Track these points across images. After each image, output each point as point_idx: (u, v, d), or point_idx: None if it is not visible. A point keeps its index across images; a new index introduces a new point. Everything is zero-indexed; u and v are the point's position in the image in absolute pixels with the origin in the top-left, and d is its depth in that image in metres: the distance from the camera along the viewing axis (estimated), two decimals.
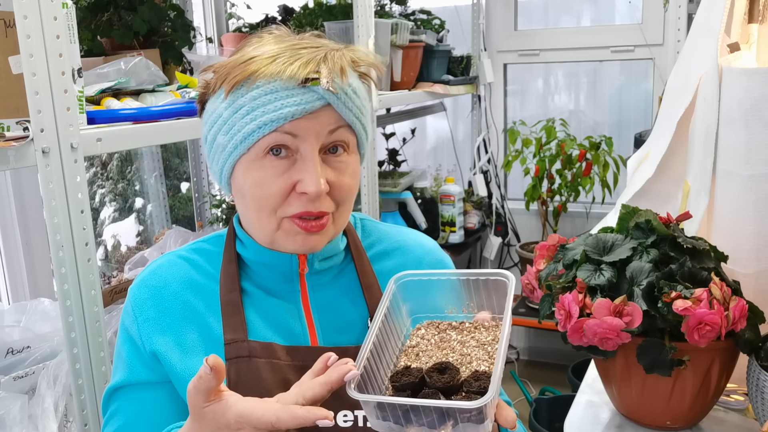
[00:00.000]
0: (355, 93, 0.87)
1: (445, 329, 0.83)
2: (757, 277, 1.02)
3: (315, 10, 2.49)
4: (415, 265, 1.01)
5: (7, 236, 1.95)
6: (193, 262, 0.96)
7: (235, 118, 0.85)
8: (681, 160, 1.21)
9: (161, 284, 0.93)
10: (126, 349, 0.92)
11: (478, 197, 3.25)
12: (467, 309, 0.85)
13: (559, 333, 0.95)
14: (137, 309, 0.92)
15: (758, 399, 0.90)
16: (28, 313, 1.46)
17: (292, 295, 0.94)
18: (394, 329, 0.82)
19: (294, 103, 0.83)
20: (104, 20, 1.78)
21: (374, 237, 1.03)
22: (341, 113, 0.85)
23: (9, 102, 1.11)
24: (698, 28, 1.23)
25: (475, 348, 0.78)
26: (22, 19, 1.05)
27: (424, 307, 0.86)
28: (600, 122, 3.34)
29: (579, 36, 3.18)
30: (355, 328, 0.94)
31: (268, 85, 0.83)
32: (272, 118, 0.83)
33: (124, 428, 0.90)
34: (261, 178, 0.85)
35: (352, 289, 0.97)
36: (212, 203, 2.78)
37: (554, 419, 2.45)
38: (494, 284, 0.82)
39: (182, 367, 0.88)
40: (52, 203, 1.12)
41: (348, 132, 0.87)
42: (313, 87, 0.83)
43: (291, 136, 0.84)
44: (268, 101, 0.83)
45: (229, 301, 0.91)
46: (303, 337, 0.93)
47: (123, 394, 0.91)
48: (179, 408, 0.90)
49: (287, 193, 0.85)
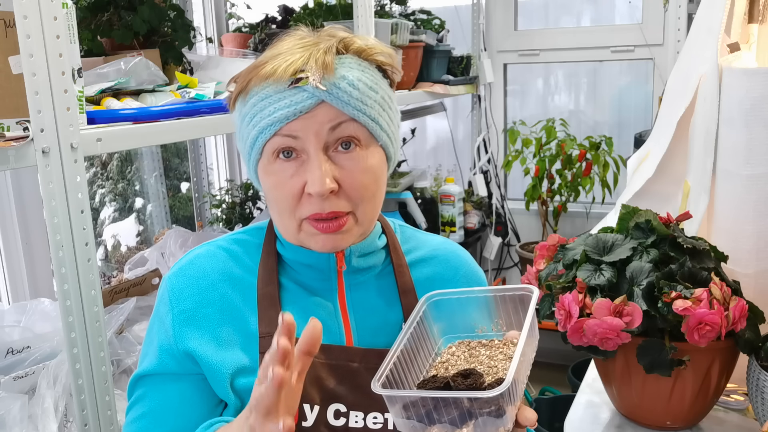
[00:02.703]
0: (351, 85, 0.84)
1: (475, 347, 0.85)
2: (757, 277, 1.02)
3: (315, 10, 2.49)
4: (451, 275, 1.01)
5: (7, 236, 1.95)
6: (232, 253, 0.95)
7: (243, 126, 0.88)
8: (681, 160, 1.21)
9: (200, 274, 0.93)
10: (158, 339, 0.92)
11: (478, 197, 3.25)
12: (496, 326, 0.86)
13: (559, 333, 0.95)
14: (174, 299, 0.91)
15: (758, 399, 0.90)
16: (28, 313, 1.46)
17: (329, 293, 0.94)
18: (423, 347, 0.84)
19: (285, 105, 0.83)
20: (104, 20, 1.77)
21: (412, 244, 1.02)
22: (339, 108, 0.84)
23: (9, 102, 1.11)
24: (698, 28, 1.23)
25: (503, 361, 0.80)
26: (22, 19, 1.05)
27: (454, 326, 0.87)
28: (600, 122, 3.34)
29: (579, 36, 3.17)
30: (391, 331, 0.93)
31: (262, 90, 0.85)
32: (268, 122, 0.84)
33: (148, 415, 0.90)
34: (275, 181, 0.87)
35: (389, 292, 0.96)
36: (212, 203, 2.78)
37: (554, 419, 2.45)
38: (520, 299, 0.84)
39: (217, 360, 0.88)
40: (52, 203, 1.12)
41: (355, 126, 0.85)
42: (303, 86, 0.83)
43: (292, 138, 0.84)
44: (263, 107, 0.84)
45: (265, 294, 0.91)
46: (339, 336, 0.92)
47: (149, 382, 0.91)
48: (206, 400, 0.90)
49: (299, 194, 0.86)
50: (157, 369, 0.90)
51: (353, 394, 0.87)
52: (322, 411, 0.86)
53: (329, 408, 0.87)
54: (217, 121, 1.49)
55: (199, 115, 1.47)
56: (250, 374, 0.88)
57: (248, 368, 0.88)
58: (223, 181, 2.99)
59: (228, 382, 0.87)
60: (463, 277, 1.02)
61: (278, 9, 2.56)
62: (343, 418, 0.87)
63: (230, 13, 2.88)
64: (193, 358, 0.89)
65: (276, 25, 2.52)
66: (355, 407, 0.87)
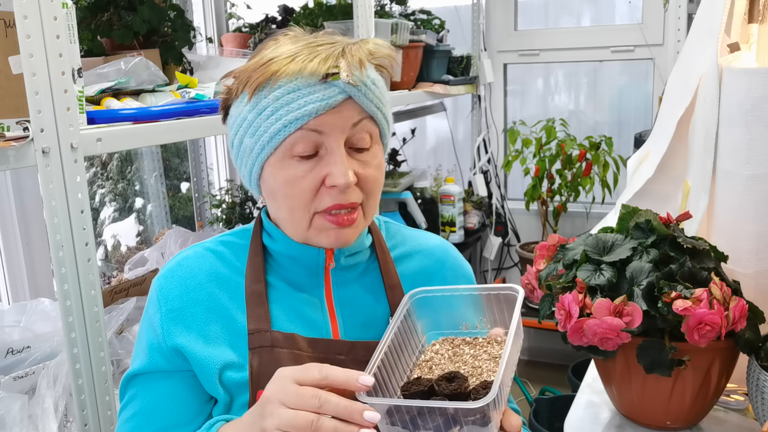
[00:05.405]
0: (374, 84, 0.88)
1: (459, 344, 0.85)
2: (757, 277, 1.02)
3: (315, 10, 2.49)
4: (437, 268, 1.02)
5: (7, 236, 1.95)
6: (219, 254, 0.97)
7: (260, 120, 0.86)
8: (681, 160, 1.21)
9: (187, 275, 0.94)
10: (147, 338, 0.93)
11: (478, 197, 3.25)
12: (480, 324, 0.86)
13: (559, 333, 0.95)
14: (162, 299, 0.93)
15: (758, 399, 0.90)
16: (28, 313, 1.46)
17: (316, 289, 0.95)
18: (408, 344, 0.84)
19: (317, 99, 0.84)
20: (104, 20, 1.78)
21: (397, 239, 1.04)
22: (363, 105, 0.87)
23: (9, 102, 1.11)
24: (698, 28, 1.23)
25: (487, 361, 0.80)
26: (22, 19, 1.05)
27: (438, 323, 0.87)
28: (600, 122, 3.34)
29: (579, 36, 3.17)
30: (378, 325, 0.95)
31: (289, 84, 0.85)
32: (297, 116, 0.84)
33: (141, 414, 0.91)
34: (291, 176, 0.87)
35: (375, 287, 0.98)
36: (212, 203, 2.78)
37: (554, 419, 2.45)
38: (505, 298, 0.84)
39: (205, 356, 0.89)
40: (52, 203, 1.12)
41: (371, 123, 0.89)
42: (334, 82, 0.84)
43: (317, 133, 0.85)
44: (291, 99, 0.84)
45: (253, 292, 0.93)
46: (325, 330, 0.94)
47: (141, 381, 0.92)
48: (196, 396, 0.91)
49: (317, 188, 0.87)
50: (148, 367, 0.91)
51: None
52: None
53: None
54: (217, 121, 1.48)
55: (199, 115, 1.47)
56: (237, 370, 0.89)
57: (236, 364, 0.90)
58: (223, 181, 2.99)
59: (216, 377, 0.88)
60: (450, 269, 1.03)
61: (278, 9, 2.56)
62: None
63: (230, 13, 2.88)
64: (182, 354, 0.90)
65: (276, 25, 2.52)
66: None
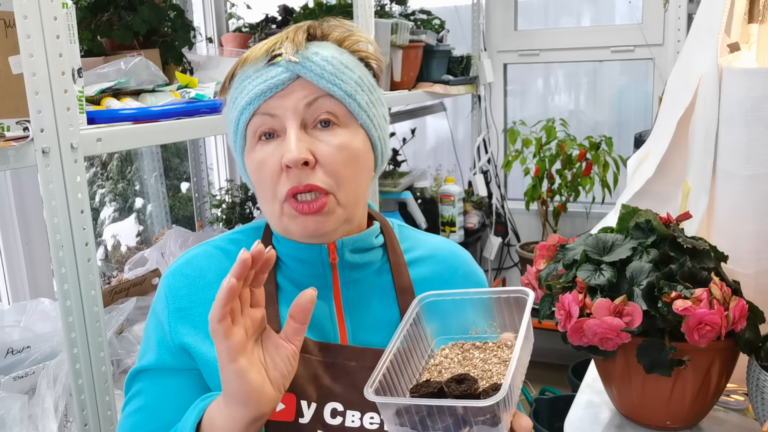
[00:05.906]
0: (325, 60, 0.86)
1: (469, 349, 0.84)
2: (757, 277, 1.02)
3: (315, 10, 2.49)
4: (450, 275, 1.01)
5: (7, 236, 1.95)
6: (228, 252, 0.96)
7: (226, 111, 0.91)
8: (681, 160, 1.21)
9: (197, 274, 0.93)
10: (155, 335, 0.92)
11: (478, 197, 3.25)
12: (490, 328, 0.85)
13: (559, 333, 0.95)
14: (170, 297, 0.92)
15: (758, 399, 0.90)
16: (28, 313, 1.46)
17: (324, 290, 0.94)
18: (417, 348, 0.83)
19: (260, 81, 0.85)
20: (104, 20, 1.78)
21: (410, 243, 1.02)
22: (313, 81, 0.85)
23: (9, 102, 1.11)
24: (698, 28, 1.23)
25: (497, 365, 0.79)
26: (22, 19, 1.05)
27: (448, 327, 0.86)
28: (600, 122, 3.34)
29: (579, 36, 3.18)
30: (387, 328, 0.92)
31: (242, 72, 0.88)
32: (247, 100, 0.86)
33: (144, 409, 0.91)
34: (257, 162, 0.87)
35: (385, 291, 0.96)
36: (212, 203, 2.78)
37: (554, 419, 2.45)
38: (515, 301, 0.83)
39: (212, 356, 0.88)
40: (52, 203, 1.12)
41: (331, 101, 0.86)
42: (278, 63, 0.85)
43: (270, 117, 0.85)
44: (243, 87, 0.87)
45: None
46: (333, 334, 0.92)
47: (147, 377, 0.92)
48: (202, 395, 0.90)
49: (279, 172, 0.85)
50: (156, 364, 0.91)
51: (349, 393, 0.87)
52: (319, 409, 0.86)
53: (326, 406, 0.87)
54: (217, 121, 1.49)
55: (199, 115, 1.48)
56: None
57: None
58: (223, 181, 2.99)
59: None
60: (462, 276, 1.02)
61: (278, 9, 2.56)
62: (339, 417, 0.87)
63: (230, 13, 2.88)
64: (188, 352, 0.89)
65: (276, 25, 2.52)
66: (352, 407, 0.87)
